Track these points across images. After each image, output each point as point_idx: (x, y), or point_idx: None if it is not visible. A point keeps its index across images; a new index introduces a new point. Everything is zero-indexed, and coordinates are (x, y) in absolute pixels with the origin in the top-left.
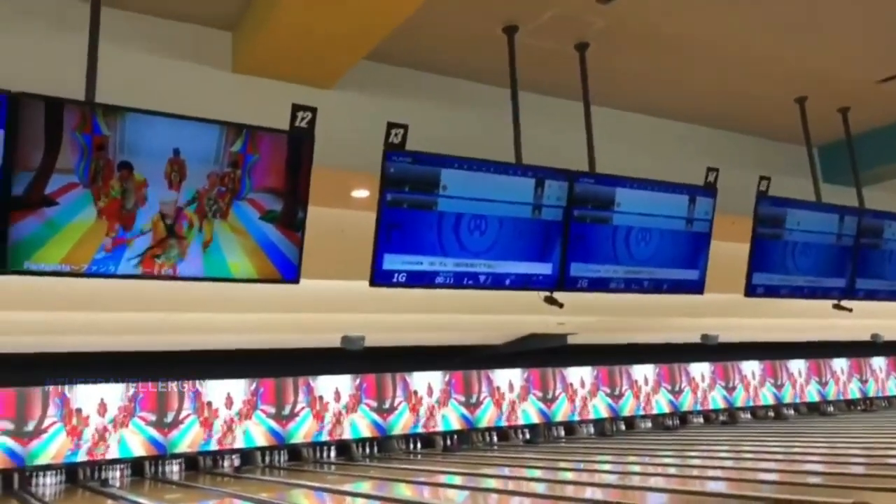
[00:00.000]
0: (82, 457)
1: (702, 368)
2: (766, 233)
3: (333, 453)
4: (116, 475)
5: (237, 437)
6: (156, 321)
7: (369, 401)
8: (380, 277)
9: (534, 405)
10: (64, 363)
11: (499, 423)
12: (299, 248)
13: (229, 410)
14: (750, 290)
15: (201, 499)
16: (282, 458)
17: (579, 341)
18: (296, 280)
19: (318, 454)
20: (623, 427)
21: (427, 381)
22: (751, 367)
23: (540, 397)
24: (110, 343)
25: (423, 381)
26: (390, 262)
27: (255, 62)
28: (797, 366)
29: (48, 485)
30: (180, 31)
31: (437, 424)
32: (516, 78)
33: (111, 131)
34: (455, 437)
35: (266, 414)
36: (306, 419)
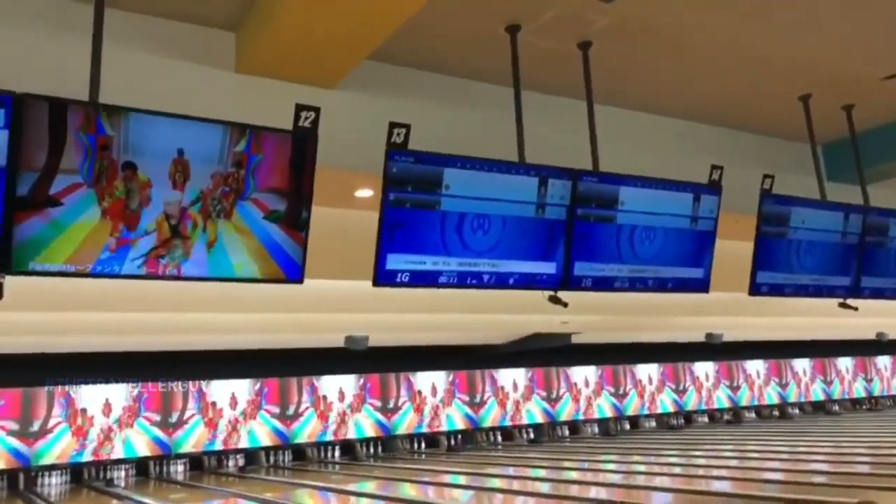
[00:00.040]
0: (87, 457)
1: (706, 368)
2: (770, 231)
3: (338, 453)
4: (121, 475)
5: (241, 437)
6: (160, 321)
7: (373, 401)
8: (383, 277)
9: (538, 405)
10: (69, 363)
11: (503, 422)
12: (303, 247)
13: (233, 410)
14: (754, 288)
15: (206, 499)
16: (286, 458)
17: (583, 340)
18: (300, 280)
19: (322, 454)
20: (627, 426)
21: (431, 380)
22: (755, 367)
23: (544, 397)
24: (115, 343)
25: (427, 380)
26: (394, 261)
27: (259, 62)
28: (802, 365)
29: (53, 485)
30: (183, 32)
31: (442, 424)
32: (519, 77)
33: (115, 131)
34: (459, 437)
35: (270, 414)
36: (310, 419)
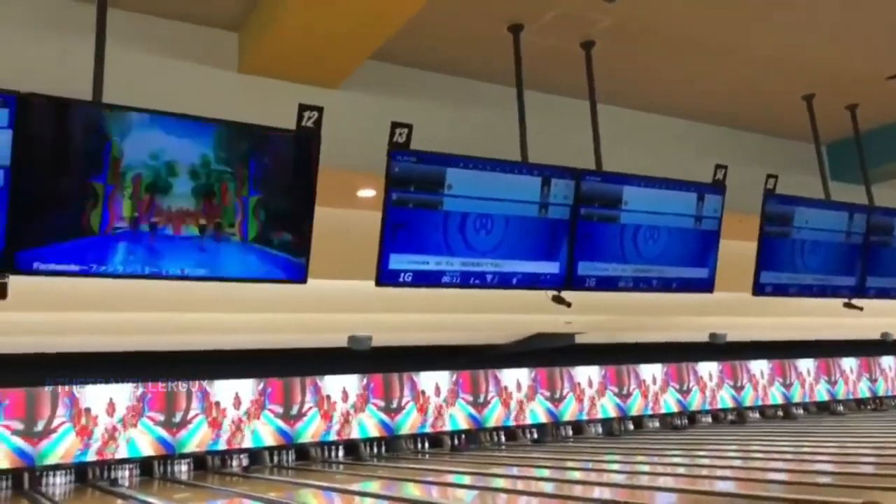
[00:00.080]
0: (91, 456)
1: (710, 367)
2: (773, 231)
3: (341, 453)
4: (125, 475)
5: (245, 437)
6: (164, 321)
7: (377, 400)
8: (386, 277)
9: (541, 405)
10: (72, 363)
11: (507, 422)
12: (306, 248)
13: (237, 410)
14: (758, 288)
15: (210, 498)
16: (290, 457)
17: (587, 340)
18: (303, 280)
19: (326, 454)
20: (631, 427)
21: (434, 380)
22: (759, 367)
23: (548, 397)
24: (119, 343)
25: (430, 380)
26: (396, 261)
27: (261, 62)
28: (806, 365)
29: (58, 484)
30: (186, 32)
31: (445, 424)
32: (522, 77)
33: (118, 131)
34: (463, 437)
35: (274, 414)
36: (314, 419)
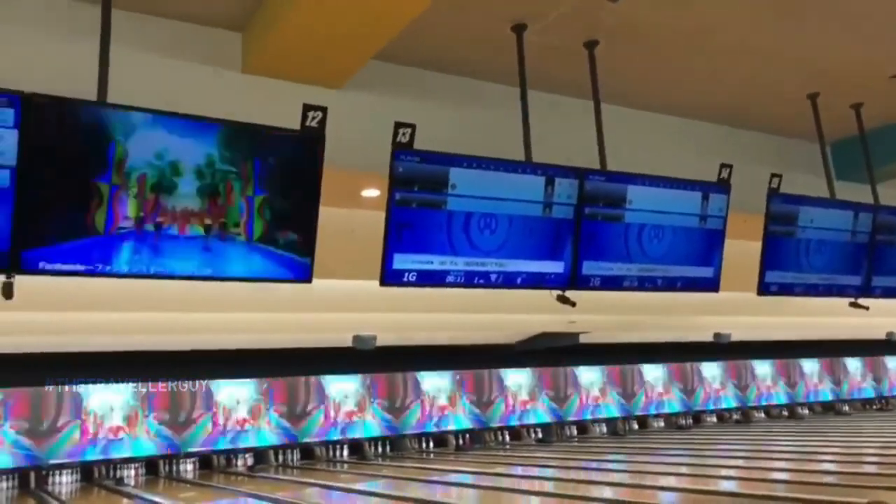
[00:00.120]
0: (97, 455)
1: (714, 367)
2: (778, 230)
3: (346, 452)
4: (131, 474)
5: (250, 436)
6: (169, 321)
7: (381, 400)
8: (390, 277)
9: (546, 404)
10: (77, 363)
11: (511, 422)
12: (312, 247)
13: (242, 409)
14: (763, 288)
15: (216, 497)
16: (295, 456)
17: (591, 340)
18: (308, 279)
19: (330, 453)
20: (636, 426)
21: (439, 380)
22: (764, 366)
23: (552, 396)
24: (124, 343)
25: (434, 380)
26: (400, 261)
27: (265, 63)
28: (811, 364)
29: (64, 483)
30: (190, 33)
31: (450, 423)
32: (525, 76)
33: (122, 131)
34: (467, 437)
35: (279, 413)
36: (319, 418)
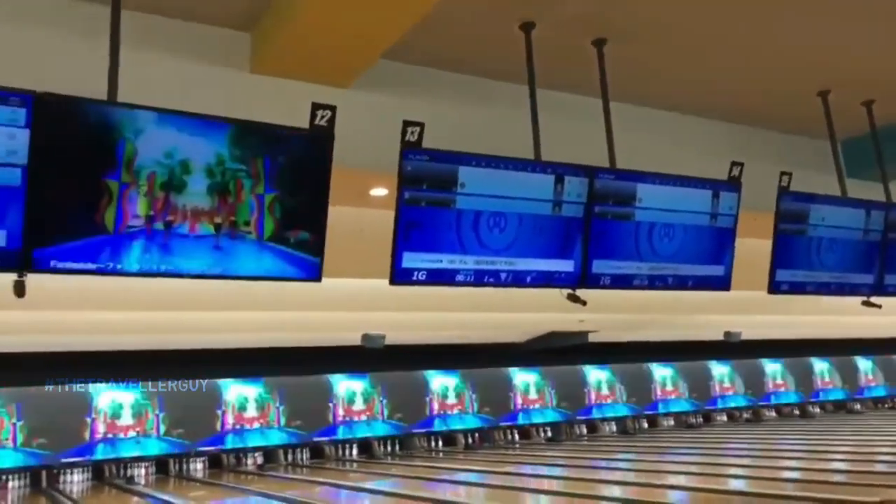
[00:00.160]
0: (108, 454)
1: (725, 366)
2: (789, 229)
3: (355, 451)
4: (142, 473)
5: (259, 436)
6: (178, 320)
7: (390, 399)
8: (399, 276)
9: (555, 403)
10: (88, 362)
11: (520, 421)
12: (321, 246)
13: (251, 408)
14: (774, 286)
15: (226, 496)
16: (304, 456)
17: (600, 339)
18: (317, 278)
19: (339, 452)
20: (646, 425)
21: (448, 379)
22: (775, 365)
23: (561, 395)
24: (134, 342)
25: (443, 379)
26: (410, 260)
27: (273, 62)
28: (823, 363)
29: (75, 482)
30: (199, 33)
31: (459, 423)
32: (534, 75)
33: (132, 130)
34: (476, 436)
35: (288, 412)
36: (327, 417)
